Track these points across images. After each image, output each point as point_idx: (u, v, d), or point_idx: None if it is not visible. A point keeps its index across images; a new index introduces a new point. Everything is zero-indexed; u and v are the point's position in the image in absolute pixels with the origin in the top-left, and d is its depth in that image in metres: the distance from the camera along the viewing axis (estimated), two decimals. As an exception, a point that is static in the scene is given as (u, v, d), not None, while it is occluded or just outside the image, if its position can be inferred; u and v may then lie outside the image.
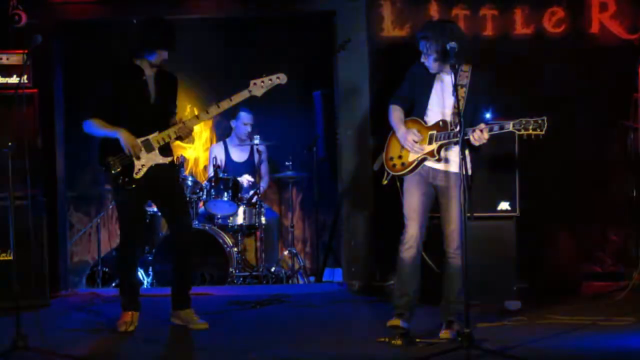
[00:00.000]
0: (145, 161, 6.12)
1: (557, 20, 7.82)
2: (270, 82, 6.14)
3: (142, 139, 6.10)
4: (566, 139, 7.62)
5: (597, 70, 7.78)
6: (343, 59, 7.85)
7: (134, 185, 6.11)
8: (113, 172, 6.10)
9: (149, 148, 6.12)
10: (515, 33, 7.85)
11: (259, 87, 6.12)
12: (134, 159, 6.08)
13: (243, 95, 6.13)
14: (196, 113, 6.61)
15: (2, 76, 7.06)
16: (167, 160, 6.22)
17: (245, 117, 8.94)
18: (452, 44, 5.44)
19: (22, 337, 5.34)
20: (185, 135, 6.22)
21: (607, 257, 7.86)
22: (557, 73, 7.78)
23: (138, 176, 6.11)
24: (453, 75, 5.41)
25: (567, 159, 7.77)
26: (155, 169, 6.16)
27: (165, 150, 6.22)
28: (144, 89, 6.17)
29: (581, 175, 7.83)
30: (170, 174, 6.32)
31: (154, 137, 6.12)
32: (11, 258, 5.82)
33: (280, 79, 6.15)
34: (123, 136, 6.04)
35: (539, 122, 5.38)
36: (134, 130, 6.09)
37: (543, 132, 5.38)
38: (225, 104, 6.13)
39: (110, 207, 8.90)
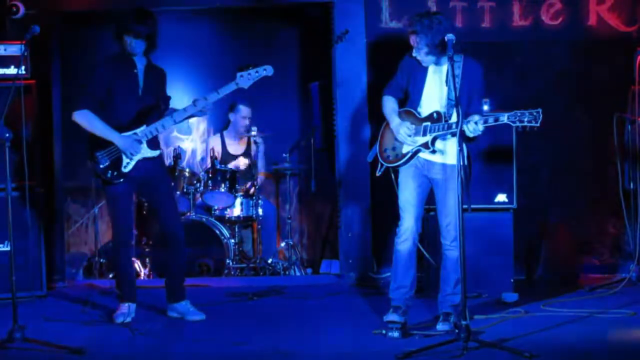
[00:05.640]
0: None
1: (555, 13, 7.80)
2: (257, 74, 6.14)
3: (130, 132, 6.10)
4: (564, 131, 7.63)
5: (594, 63, 7.77)
6: (340, 50, 7.84)
7: (122, 180, 6.12)
8: (101, 166, 6.10)
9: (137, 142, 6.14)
10: (513, 25, 7.83)
11: (246, 79, 6.13)
12: (122, 153, 6.08)
13: (230, 87, 6.13)
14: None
15: (0, 67, 7.05)
16: (155, 153, 6.23)
17: (244, 110, 8.90)
18: (450, 35, 5.44)
19: (19, 327, 5.36)
20: (177, 127, 6.23)
21: (604, 249, 7.86)
22: (554, 65, 7.77)
23: (126, 170, 6.11)
24: (449, 66, 5.39)
25: (564, 151, 7.77)
26: (143, 163, 6.16)
27: (153, 143, 6.23)
28: (134, 81, 6.17)
29: (579, 167, 7.83)
30: (158, 168, 6.32)
31: (141, 131, 6.13)
32: (8, 249, 5.81)
33: (267, 70, 6.15)
34: (121, 143, 6.05)
35: (534, 114, 5.36)
36: (122, 123, 6.10)
37: (538, 125, 5.36)
38: (213, 97, 6.14)
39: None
